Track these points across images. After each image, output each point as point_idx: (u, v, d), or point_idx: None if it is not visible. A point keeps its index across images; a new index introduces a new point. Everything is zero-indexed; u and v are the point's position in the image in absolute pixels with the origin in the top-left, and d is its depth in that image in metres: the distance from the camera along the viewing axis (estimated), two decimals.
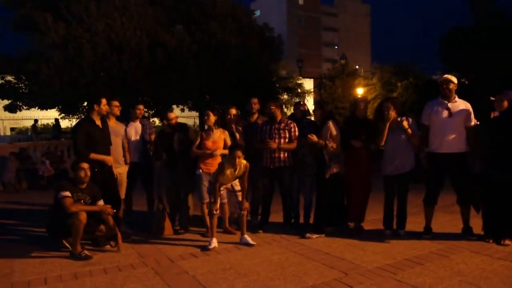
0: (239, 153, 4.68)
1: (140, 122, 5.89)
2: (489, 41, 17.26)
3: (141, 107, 6.05)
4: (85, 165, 4.61)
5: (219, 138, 5.24)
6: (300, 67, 21.64)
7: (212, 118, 5.26)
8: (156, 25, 17.72)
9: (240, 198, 4.91)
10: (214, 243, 4.70)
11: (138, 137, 5.77)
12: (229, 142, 5.25)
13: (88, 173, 4.61)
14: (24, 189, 10.59)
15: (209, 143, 5.19)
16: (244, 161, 4.76)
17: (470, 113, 4.80)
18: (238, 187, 4.94)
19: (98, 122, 5.00)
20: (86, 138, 4.81)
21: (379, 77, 30.17)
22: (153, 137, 5.95)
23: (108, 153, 5.03)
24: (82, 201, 4.58)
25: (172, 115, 5.69)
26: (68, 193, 4.44)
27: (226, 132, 5.37)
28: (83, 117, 12.33)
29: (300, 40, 66.28)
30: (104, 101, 5.01)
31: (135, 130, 5.77)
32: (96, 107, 4.95)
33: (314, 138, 5.02)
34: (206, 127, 5.45)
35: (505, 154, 4.43)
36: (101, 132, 4.98)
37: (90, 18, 16.20)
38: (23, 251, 4.65)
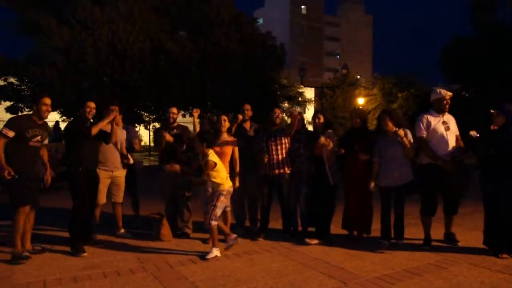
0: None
1: (123, 128, 5.70)
2: (490, 53, 17.31)
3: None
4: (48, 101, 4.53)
5: (226, 145, 5.28)
6: (302, 76, 21.73)
7: (226, 123, 5.34)
8: (160, 31, 17.86)
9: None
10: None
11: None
12: (236, 150, 5.31)
13: (50, 109, 4.59)
14: None
15: (215, 148, 5.21)
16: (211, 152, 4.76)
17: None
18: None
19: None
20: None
21: (380, 88, 30.33)
22: (137, 142, 5.99)
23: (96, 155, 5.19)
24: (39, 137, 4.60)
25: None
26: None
27: (235, 140, 5.40)
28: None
29: (302, 49, 66.66)
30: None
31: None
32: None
33: (322, 140, 5.06)
34: (213, 131, 5.46)
35: (501, 168, 4.47)
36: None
37: (95, 24, 16.34)
38: None
